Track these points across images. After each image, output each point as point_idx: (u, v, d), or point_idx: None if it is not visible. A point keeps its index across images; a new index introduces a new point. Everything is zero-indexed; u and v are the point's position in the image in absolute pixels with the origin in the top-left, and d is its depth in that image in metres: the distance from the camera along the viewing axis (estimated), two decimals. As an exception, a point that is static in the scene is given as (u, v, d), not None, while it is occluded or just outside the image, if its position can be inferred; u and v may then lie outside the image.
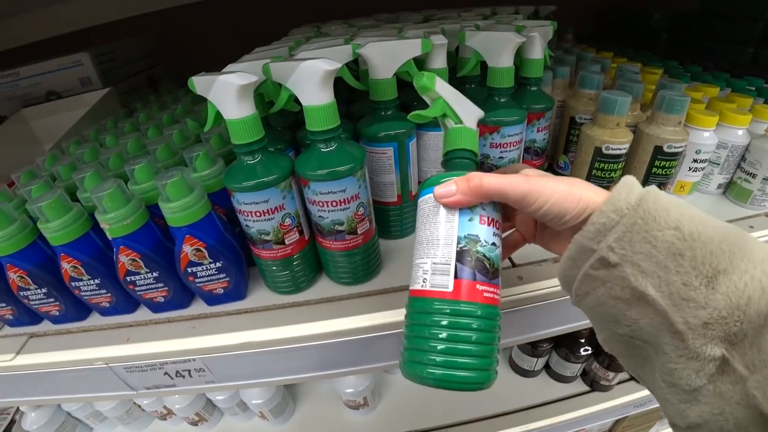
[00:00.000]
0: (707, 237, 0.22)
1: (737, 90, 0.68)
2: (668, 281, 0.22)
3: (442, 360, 0.26)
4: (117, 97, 0.83)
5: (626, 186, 0.25)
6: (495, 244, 0.29)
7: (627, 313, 0.25)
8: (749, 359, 0.20)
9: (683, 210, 0.24)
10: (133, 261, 0.41)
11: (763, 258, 0.22)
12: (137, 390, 0.49)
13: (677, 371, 0.22)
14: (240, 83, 0.33)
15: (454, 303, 0.27)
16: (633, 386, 0.81)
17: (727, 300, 0.21)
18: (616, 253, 0.24)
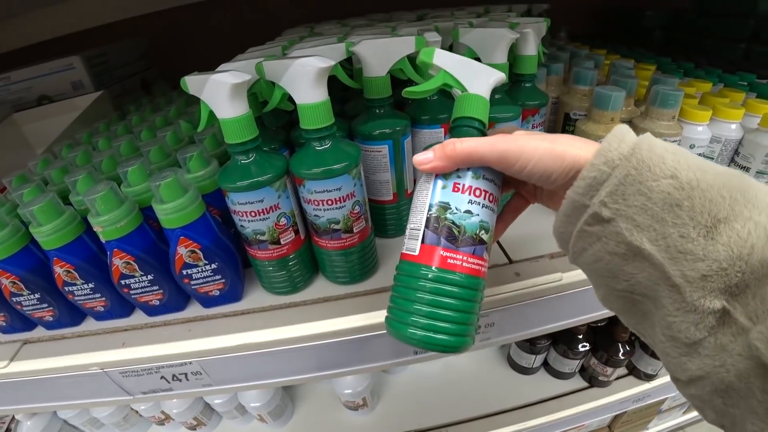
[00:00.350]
0: (707, 184, 0.21)
1: (730, 85, 0.68)
2: (665, 234, 0.22)
3: (412, 320, 0.28)
4: (110, 100, 0.83)
5: (618, 135, 0.24)
6: (471, 212, 0.28)
7: (624, 268, 0.24)
8: (752, 310, 0.19)
9: (680, 157, 0.22)
10: (128, 264, 0.41)
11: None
12: (134, 395, 0.48)
13: (676, 324, 0.22)
14: (233, 82, 0.33)
15: (419, 266, 0.29)
16: (631, 381, 0.82)
17: (728, 251, 0.20)
18: (609, 207, 0.23)
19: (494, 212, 0.30)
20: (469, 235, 0.28)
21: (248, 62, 0.39)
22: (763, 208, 0.20)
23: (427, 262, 0.28)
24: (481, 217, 0.29)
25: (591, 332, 0.76)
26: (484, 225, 0.29)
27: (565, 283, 0.44)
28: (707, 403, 0.22)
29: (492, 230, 0.30)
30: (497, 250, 0.48)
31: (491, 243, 0.30)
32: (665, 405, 0.95)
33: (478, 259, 0.29)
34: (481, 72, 0.31)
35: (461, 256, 0.28)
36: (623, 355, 0.72)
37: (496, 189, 0.30)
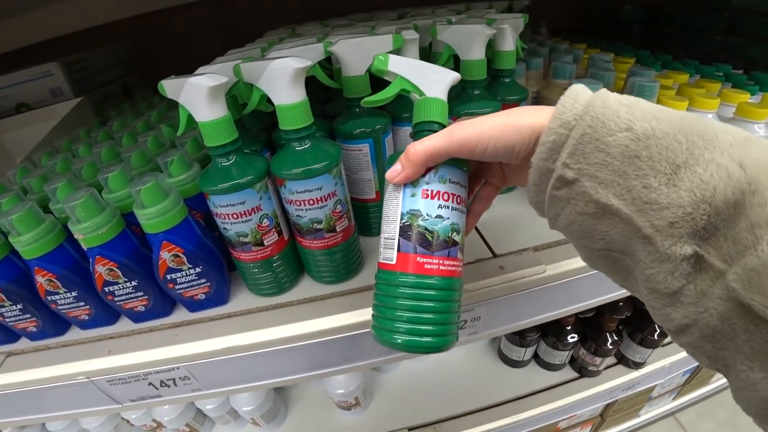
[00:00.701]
0: (662, 132, 0.21)
1: (706, 76, 0.70)
2: (628, 187, 0.22)
3: (395, 326, 0.29)
4: (90, 107, 0.82)
5: (571, 96, 0.24)
6: (441, 216, 0.29)
7: (597, 227, 0.24)
8: (725, 252, 0.20)
9: (635, 108, 0.22)
10: (111, 271, 0.41)
11: (732, 142, 0.20)
12: (122, 403, 0.48)
13: (654, 276, 0.22)
14: (210, 84, 0.33)
15: (397, 275, 0.30)
16: (621, 370, 0.83)
17: (691, 195, 0.20)
18: (572, 168, 0.23)
19: (463, 213, 0.31)
20: (443, 238, 0.29)
21: (226, 65, 0.39)
22: (724, 148, 0.20)
23: (404, 269, 0.29)
24: (452, 220, 0.30)
25: (579, 323, 0.77)
26: (456, 227, 0.30)
27: (549, 275, 0.44)
28: (699, 350, 0.22)
29: (463, 230, 0.31)
30: (481, 245, 0.49)
31: (464, 241, 0.31)
32: (655, 392, 0.96)
33: (453, 260, 0.30)
34: (436, 74, 0.32)
35: (437, 260, 0.29)
36: (611, 345, 0.73)
37: (463, 190, 0.31)
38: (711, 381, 1.10)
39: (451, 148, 0.27)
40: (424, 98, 0.31)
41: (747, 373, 0.20)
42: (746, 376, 0.20)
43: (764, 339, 0.19)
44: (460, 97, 0.46)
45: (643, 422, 1.07)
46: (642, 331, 0.76)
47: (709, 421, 1.16)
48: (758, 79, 0.67)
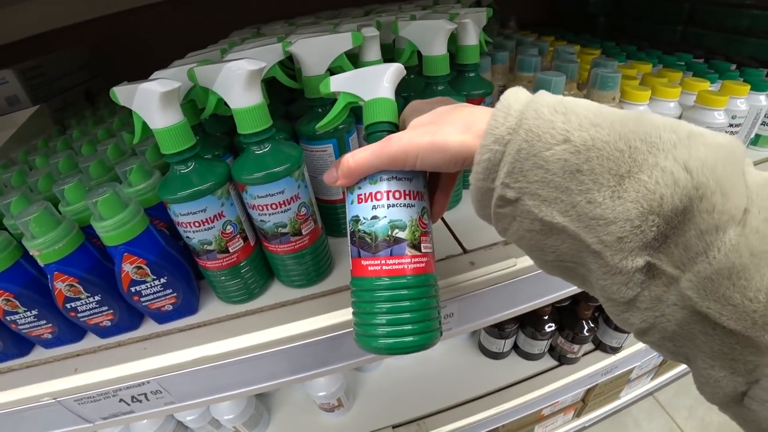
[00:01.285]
0: (602, 142, 0.20)
1: (668, 66, 0.71)
2: (572, 203, 0.21)
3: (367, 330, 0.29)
4: (49, 115, 0.78)
5: (503, 108, 0.22)
6: (376, 217, 0.29)
7: (546, 242, 0.23)
8: (677, 259, 0.19)
9: (570, 116, 0.21)
10: (71, 286, 0.39)
11: (676, 142, 0.19)
12: (93, 422, 0.46)
13: (608, 287, 0.21)
14: (162, 90, 0.32)
15: (354, 280, 0.31)
16: (598, 356, 0.85)
17: (638, 207, 0.19)
18: (512, 188, 0.22)
19: (409, 206, 0.29)
20: (382, 238, 0.29)
21: (182, 68, 0.38)
22: (669, 150, 0.19)
23: (357, 274, 0.30)
24: (390, 218, 0.29)
25: (556, 312, 0.78)
26: (396, 223, 0.29)
27: (520, 268, 0.45)
28: (661, 348, 0.23)
29: (413, 222, 0.29)
30: (451, 241, 0.49)
31: (420, 231, 0.30)
32: (633, 374, 0.99)
33: (399, 258, 0.29)
34: (374, 75, 0.31)
35: (379, 261, 0.29)
36: (588, 332, 0.75)
37: (405, 183, 0.29)
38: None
39: (381, 163, 0.27)
40: (367, 102, 0.31)
41: (708, 370, 0.20)
42: (708, 373, 0.20)
43: (722, 341, 0.19)
44: (424, 93, 0.46)
45: (624, 403, 1.10)
46: (617, 317, 0.77)
47: (686, 398, 1.21)
48: (717, 67, 0.69)
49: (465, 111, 0.26)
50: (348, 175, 0.28)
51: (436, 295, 0.31)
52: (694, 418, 1.16)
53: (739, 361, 0.19)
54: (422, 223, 0.30)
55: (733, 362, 0.19)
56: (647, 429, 1.15)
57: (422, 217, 0.30)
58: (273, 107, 0.48)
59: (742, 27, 0.83)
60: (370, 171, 0.28)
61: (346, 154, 0.28)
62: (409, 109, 0.31)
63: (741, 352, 0.19)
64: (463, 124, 0.25)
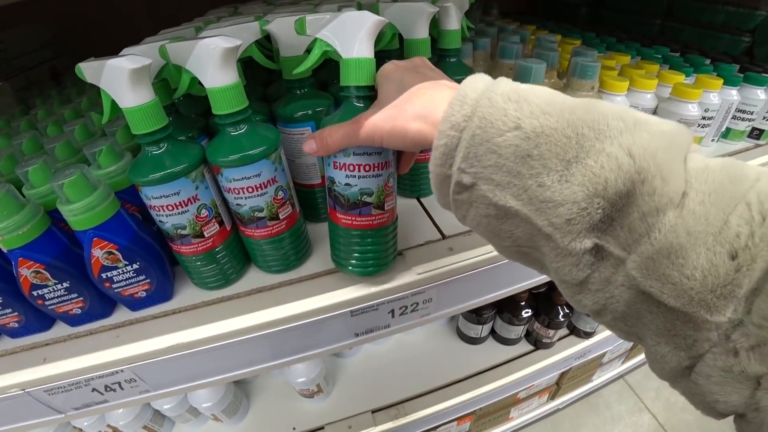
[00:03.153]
0: (550, 129, 0.21)
1: (646, 58, 0.73)
2: (524, 187, 0.22)
3: (337, 257, 0.40)
4: (12, 94, 0.74)
5: (459, 97, 0.23)
6: (349, 185, 0.34)
7: (502, 227, 0.24)
8: (623, 241, 0.20)
9: (523, 104, 0.22)
10: (37, 273, 0.37)
11: (622, 129, 0.20)
12: (65, 412, 0.45)
13: (560, 269, 0.22)
14: (131, 67, 0.30)
15: (330, 222, 0.38)
16: (572, 341, 0.88)
17: (584, 190, 0.20)
18: (468, 173, 0.23)
19: (377, 176, 0.34)
20: (353, 201, 0.35)
21: (154, 45, 0.36)
22: (615, 136, 0.20)
23: (332, 219, 0.38)
24: (360, 186, 0.34)
25: (533, 298, 0.80)
26: (366, 191, 0.34)
27: (498, 254, 0.45)
28: (614, 328, 0.24)
29: (380, 188, 0.34)
30: (430, 227, 0.49)
31: (385, 194, 0.35)
32: (605, 358, 1.03)
33: (366, 216, 0.36)
34: (352, 27, 0.31)
35: (350, 217, 0.36)
36: (563, 317, 0.77)
37: (374, 157, 0.33)
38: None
39: (351, 143, 0.31)
40: (344, 60, 0.31)
41: (656, 347, 0.22)
42: (655, 350, 0.22)
43: (665, 318, 0.20)
44: (406, 78, 0.45)
45: (595, 386, 1.14)
46: (591, 303, 0.80)
47: (654, 381, 1.26)
48: (693, 61, 0.71)
49: (425, 96, 0.27)
50: (326, 149, 0.32)
51: (393, 236, 0.40)
52: (660, 399, 1.22)
53: (680, 336, 0.20)
54: (387, 186, 0.35)
55: (675, 338, 0.20)
56: (617, 410, 1.21)
57: (388, 182, 0.35)
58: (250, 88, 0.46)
59: (717, 23, 0.85)
60: (343, 148, 0.31)
61: (325, 129, 0.31)
62: (382, 76, 0.31)
63: (681, 327, 0.20)
64: (421, 112, 0.26)
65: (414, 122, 0.26)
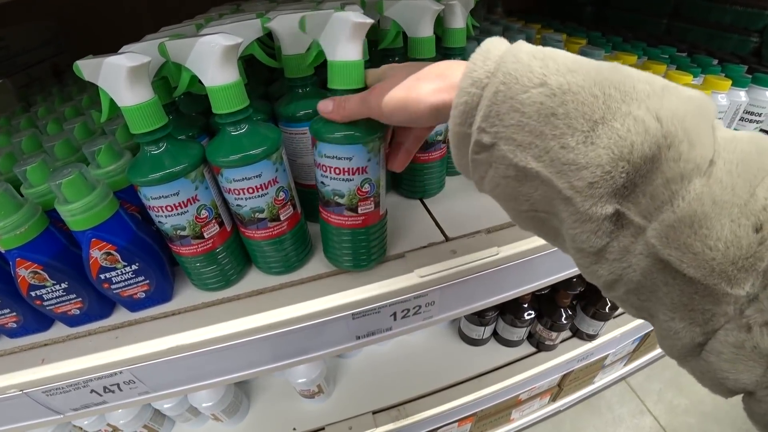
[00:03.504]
0: (577, 86, 0.20)
1: (653, 58, 0.72)
2: (546, 148, 0.21)
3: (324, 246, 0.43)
4: (12, 91, 0.74)
5: (482, 53, 0.22)
6: (323, 183, 0.36)
7: (520, 189, 0.23)
8: (644, 208, 0.20)
9: (549, 61, 0.21)
10: (35, 273, 0.37)
11: (650, 93, 0.20)
12: (64, 413, 0.45)
13: (578, 236, 0.22)
14: (129, 65, 0.30)
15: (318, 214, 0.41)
16: (575, 343, 0.87)
17: (609, 153, 0.19)
18: (488, 132, 0.22)
19: (348, 180, 0.35)
20: (327, 199, 0.37)
21: (154, 42, 0.35)
22: (642, 99, 0.19)
23: (319, 212, 0.40)
24: (332, 187, 0.36)
25: (535, 300, 0.79)
26: (337, 192, 0.36)
27: (502, 257, 0.45)
28: (626, 302, 0.23)
29: (351, 191, 0.36)
30: (433, 228, 0.48)
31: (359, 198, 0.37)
32: (608, 360, 1.02)
33: (339, 216, 0.38)
34: (339, 29, 0.31)
35: (326, 213, 0.39)
36: (566, 320, 0.76)
37: (343, 161, 0.34)
38: (657, 346, 1.18)
39: (363, 113, 0.31)
40: (330, 62, 0.32)
41: (669, 323, 0.21)
42: (668, 325, 0.21)
43: (682, 291, 0.20)
44: (409, 77, 0.44)
45: (597, 388, 1.14)
46: (594, 305, 0.79)
47: (656, 383, 1.26)
48: (700, 62, 0.70)
49: (440, 65, 0.26)
50: (341, 116, 0.32)
51: (371, 240, 0.41)
52: (662, 402, 1.21)
53: (697, 311, 0.20)
54: (361, 192, 0.36)
55: (691, 312, 0.20)
56: (619, 412, 1.20)
57: (362, 187, 0.36)
58: (252, 87, 0.46)
59: (724, 23, 0.84)
60: (357, 117, 0.32)
61: (343, 97, 0.32)
62: (387, 69, 0.32)
63: (699, 301, 0.19)
64: (437, 76, 0.25)
65: (430, 87, 0.25)
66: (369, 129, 0.33)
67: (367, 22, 0.31)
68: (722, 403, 1.16)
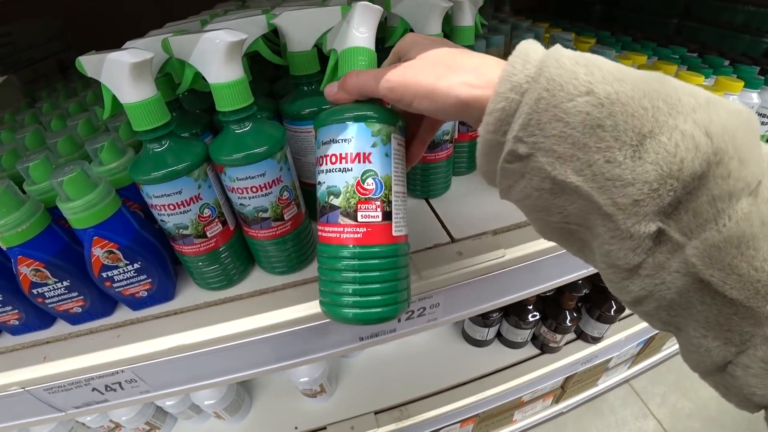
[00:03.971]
0: (626, 96, 0.19)
1: (663, 58, 0.70)
2: (589, 162, 0.19)
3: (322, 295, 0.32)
4: (18, 86, 0.74)
5: (521, 55, 0.21)
6: (320, 183, 0.29)
7: (554, 201, 0.22)
8: (685, 225, 0.19)
9: (593, 68, 0.20)
10: (37, 271, 0.37)
11: (695, 106, 0.19)
12: (65, 411, 0.45)
13: (614, 252, 0.21)
14: (132, 61, 0.29)
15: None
16: (579, 345, 0.86)
17: (657, 169, 0.18)
18: (526, 142, 0.21)
19: (344, 170, 0.28)
20: (322, 205, 0.29)
21: (157, 38, 0.35)
22: (688, 113, 0.18)
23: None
24: (328, 183, 0.28)
25: (540, 302, 0.79)
26: (332, 190, 0.28)
27: (509, 259, 0.44)
28: (654, 317, 0.22)
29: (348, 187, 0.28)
30: (439, 229, 0.48)
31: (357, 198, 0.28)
32: (612, 363, 1.01)
33: (333, 225, 0.28)
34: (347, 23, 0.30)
35: (320, 227, 0.30)
36: (570, 322, 0.75)
37: (345, 144, 0.28)
38: (662, 349, 1.17)
39: (377, 89, 0.27)
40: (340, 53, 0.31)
41: (699, 339, 0.20)
42: (699, 342, 0.20)
43: (719, 311, 0.19)
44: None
45: (600, 390, 1.13)
46: (600, 308, 0.78)
47: (660, 386, 1.24)
48: (711, 62, 0.69)
49: (475, 59, 0.24)
50: (346, 88, 0.28)
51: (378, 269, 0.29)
52: (666, 405, 1.20)
53: (735, 331, 0.19)
54: (362, 189, 0.28)
55: (728, 333, 0.19)
56: (622, 415, 1.19)
57: (363, 182, 0.28)
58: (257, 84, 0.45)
59: (736, 23, 0.82)
60: (367, 92, 0.27)
61: (351, 71, 0.29)
62: (409, 42, 0.29)
63: (738, 323, 0.19)
64: (471, 72, 0.23)
65: (463, 82, 0.23)
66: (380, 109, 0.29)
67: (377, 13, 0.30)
68: (727, 408, 1.14)
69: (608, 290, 0.76)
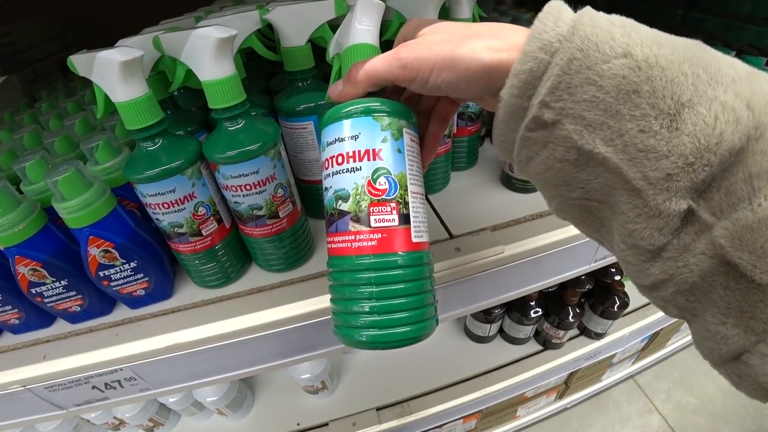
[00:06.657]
0: (666, 60, 0.17)
1: (667, 48, 0.69)
2: (621, 131, 0.18)
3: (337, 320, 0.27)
4: (18, 86, 0.74)
5: (552, 12, 0.19)
6: (326, 188, 0.26)
7: (577, 175, 0.20)
8: (715, 204, 0.17)
9: (630, 30, 0.18)
10: (35, 271, 0.37)
11: (735, 77, 0.17)
12: (66, 408, 0.45)
13: (638, 232, 0.19)
14: (122, 59, 0.29)
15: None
16: (583, 341, 0.85)
17: (694, 142, 0.17)
18: (552, 108, 0.19)
19: (353, 170, 0.25)
20: (329, 212, 0.26)
21: (148, 36, 0.35)
22: (728, 84, 0.17)
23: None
24: (335, 187, 0.25)
25: (542, 298, 0.78)
26: (340, 193, 0.25)
27: (508, 256, 0.43)
28: (670, 302, 0.21)
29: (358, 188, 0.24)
30: (437, 225, 0.47)
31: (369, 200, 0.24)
32: (616, 359, 1.00)
33: (343, 234, 0.25)
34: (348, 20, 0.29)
35: (330, 237, 0.26)
36: (573, 318, 0.75)
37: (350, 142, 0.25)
38: (667, 345, 1.16)
39: (389, 73, 0.24)
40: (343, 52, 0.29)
41: (717, 326, 0.19)
42: (716, 329, 0.19)
43: (743, 297, 0.18)
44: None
45: (605, 386, 1.12)
46: (603, 304, 0.77)
47: (664, 381, 1.24)
48: (717, 53, 0.67)
49: (492, 25, 0.23)
50: (352, 79, 0.25)
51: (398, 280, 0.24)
52: (671, 401, 1.19)
53: (758, 319, 0.17)
54: (373, 189, 0.24)
55: (751, 321, 0.18)
56: (627, 411, 1.18)
57: (374, 182, 0.24)
58: (253, 81, 0.45)
59: (743, 13, 0.80)
60: (378, 81, 0.25)
61: (356, 63, 0.26)
62: (414, 24, 0.27)
63: (763, 309, 0.17)
64: (492, 36, 0.21)
65: (485, 46, 0.21)
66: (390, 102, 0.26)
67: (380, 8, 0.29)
68: (732, 404, 1.14)
69: (611, 286, 0.76)
